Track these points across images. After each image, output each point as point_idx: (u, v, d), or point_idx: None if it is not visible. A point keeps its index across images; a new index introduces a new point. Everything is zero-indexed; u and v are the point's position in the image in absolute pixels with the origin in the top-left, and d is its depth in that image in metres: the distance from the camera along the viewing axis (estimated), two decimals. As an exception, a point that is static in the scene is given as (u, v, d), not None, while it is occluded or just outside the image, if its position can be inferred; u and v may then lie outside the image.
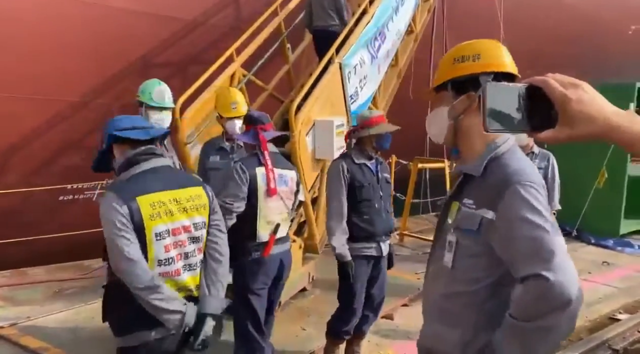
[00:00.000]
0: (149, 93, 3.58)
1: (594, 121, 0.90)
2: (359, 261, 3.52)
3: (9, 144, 6.00)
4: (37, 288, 5.10)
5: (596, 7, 13.03)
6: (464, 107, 1.57)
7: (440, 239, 1.63)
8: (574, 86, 0.91)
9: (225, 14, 7.47)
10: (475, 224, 1.47)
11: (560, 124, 0.91)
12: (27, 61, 5.76)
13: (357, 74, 5.58)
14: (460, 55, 1.60)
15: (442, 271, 1.59)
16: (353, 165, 3.55)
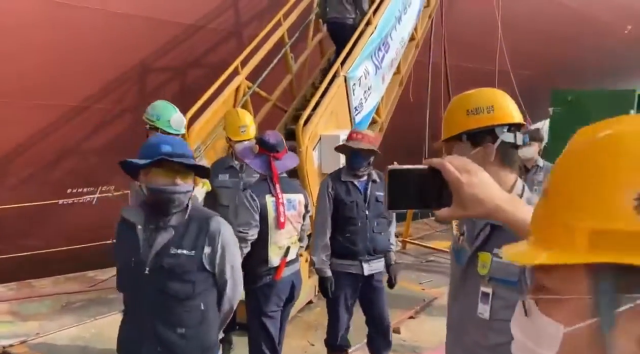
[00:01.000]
0: (167, 121, 3.58)
1: (483, 203, 1.00)
2: (340, 277, 3.58)
3: (9, 148, 6.02)
4: (44, 301, 5.12)
5: (592, 8, 13.08)
6: (481, 158, 1.61)
7: (467, 288, 1.65)
8: (467, 172, 1.00)
9: (225, 18, 7.48)
10: (514, 274, 1.49)
11: (455, 204, 1.00)
12: (27, 67, 5.76)
13: (362, 85, 5.61)
14: (474, 107, 1.63)
15: (475, 321, 1.60)
16: (338, 182, 3.60)
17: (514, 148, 1.66)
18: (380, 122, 6.39)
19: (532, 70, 12.05)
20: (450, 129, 1.69)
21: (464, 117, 1.64)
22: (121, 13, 6.27)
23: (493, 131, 1.61)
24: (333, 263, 3.57)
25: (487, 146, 1.61)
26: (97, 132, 6.73)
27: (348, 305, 3.66)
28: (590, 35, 13.34)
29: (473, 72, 10.62)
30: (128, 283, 2.13)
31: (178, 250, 2.06)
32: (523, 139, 1.68)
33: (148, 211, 2.11)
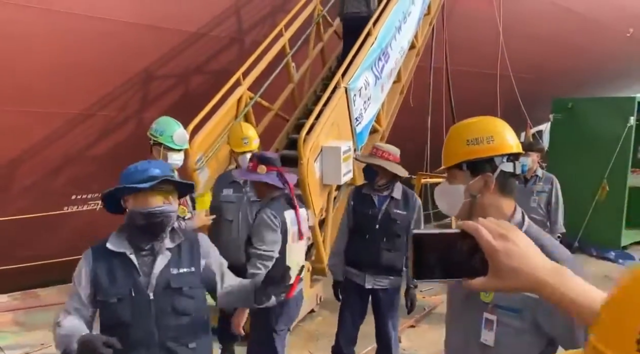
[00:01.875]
0: (170, 136, 3.64)
1: (521, 276, 0.90)
2: (348, 284, 3.73)
3: (14, 156, 6.09)
4: (49, 311, 5.16)
5: (594, 11, 13.08)
6: (481, 187, 1.66)
7: (469, 315, 1.67)
8: (503, 238, 0.91)
9: (227, 26, 7.53)
10: (518, 302, 1.52)
11: (490, 274, 0.91)
12: (31, 75, 5.82)
13: (362, 96, 5.66)
14: (474, 137, 1.68)
15: (479, 347, 1.63)
16: (359, 194, 3.71)
17: (513, 176, 1.70)
18: (381, 131, 6.44)
19: (534, 74, 12.08)
20: (451, 158, 1.73)
21: (464, 147, 1.69)
22: (124, 22, 6.33)
23: (492, 160, 1.66)
24: (345, 269, 3.74)
25: (486, 175, 1.65)
26: (101, 139, 6.80)
27: (353, 313, 3.72)
28: (592, 38, 13.35)
29: (475, 77, 10.70)
30: (128, 314, 2.04)
31: (179, 270, 2.09)
32: (522, 168, 1.73)
33: (137, 235, 2.09)
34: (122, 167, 4.07)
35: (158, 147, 3.62)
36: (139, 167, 2.14)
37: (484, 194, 1.66)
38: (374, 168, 3.62)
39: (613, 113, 7.74)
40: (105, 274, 2.07)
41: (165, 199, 2.06)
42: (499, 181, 1.66)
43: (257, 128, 5.75)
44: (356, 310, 3.74)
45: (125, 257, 2.07)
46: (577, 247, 7.93)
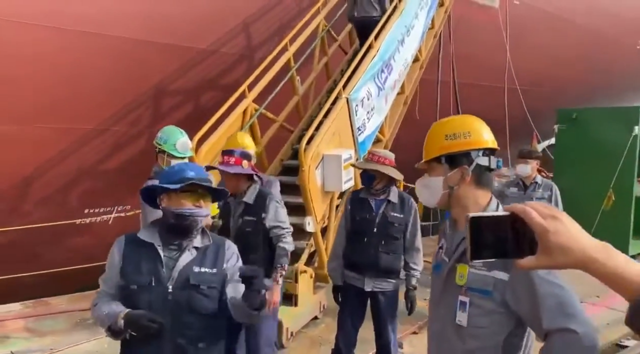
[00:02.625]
0: (173, 144, 3.79)
1: (570, 252, 0.94)
2: (348, 288, 3.78)
3: (29, 170, 6.28)
4: (59, 318, 5.30)
5: (602, 24, 13.13)
6: (458, 179, 1.79)
7: (446, 299, 1.78)
8: (552, 218, 0.95)
9: (236, 42, 7.73)
10: (489, 285, 1.65)
11: (540, 253, 0.96)
12: (45, 92, 6.03)
13: (365, 106, 5.79)
14: (452, 132, 1.81)
15: (454, 328, 1.73)
16: (356, 199, 3.81)
17: (488, 171, 1.81)
18: (384, 141, 6.55)
19: (541, 87, 12.14)
20: (431, 152, 1.86)
21: (443, 142, 1.82)
22: (135, 39, 6.55)
23: (469, 154, 1.78)
24: (345, 274, 3.79)
25: (463, 168, 1.77)
26: (113, 154, 6.98)
27: (352, 316, 3.78)
28: (600, 51, 13.39)
29: (482, 90, 10.80)
30: (146, 302, 2.13)
31: (201, 268, 2.16)
32: (497, 162, 1.84)
33: (166, 232, 2.21)
34: (134, 181, 4.25)
35: (162, 155, 3.78)
36: (176, 168, 2.27)
37: (460, 186, 1.79)
38: (371, 173, 3.71)
39: (618, 123, 7.78)
40: (132, 261, 2.17)
41: (196, 202, 2.15)
42: (475, 173, 1.78)
43: (262, 139, 5.91)
44: (355, 313, 3.79)
45: (153, 248, 2.17)
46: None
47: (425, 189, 1.88)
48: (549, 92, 12.27)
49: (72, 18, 6.01)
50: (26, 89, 5.87)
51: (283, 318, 4.32)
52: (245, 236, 3.37)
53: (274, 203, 3.46)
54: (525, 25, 11.32)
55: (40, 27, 5.80)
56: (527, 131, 10.83)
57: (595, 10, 12.79)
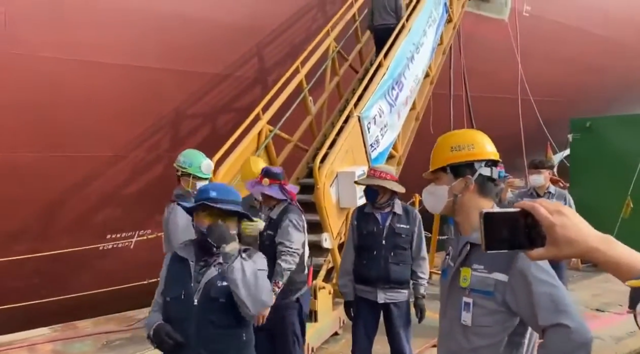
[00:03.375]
0: (198, 167, 3.94)
1: (576, 244, 1.04)
2: (360, 302, 3.85)
3: (53, 199, 6.49)
4: (86, 341, 5.44)
5: (617, 33, 13.09)
6: (462, 188, 1.90)
7: (452, 300, 1.89)
8: (558, 213, 1.05)
9: (250, 66, 7.94)
10: (490, 286, 1.75)
11: (548, 244, 1.06)
12: (66, 121, 6.27)
13: (377, 123, 5.90)
14: (457, 144, 1.94)
15: (460, 328, 1.83)
16: (362, 214, 3.91)
17: (490, 181, 1.93)
18: (397, 157, 6.64)
19: (555, 97, 12.13)
20: (437, 162, 1.98)
21: (449, 153, 1.94)
22: (152, 67, 6.79)
23: (472, 165, 1.90)
24: (356, 288, 3.86)
25: (466, 178, 1.89)
26: (133, 179, 7.18)
27: (367, 329, 3.84)
28: (617, 61, 13.33)
29: (495, 102, 10.84)
30: (176, 314, 2.32)
31: (223, 282, 2.28)
32: (499, 173, 1.95)
33: (197, 248, 2.39)
34: (154, 206, 4.36)
35: (187, 178, 3.91)
36: (202, 188, 2.50)
37: (464, 194, 1.91)
38: (374, 188, 3.81)
39: (632, 130, 7.76)
40: (171, 275, 2.40)
41: (214, 221, 2.28)
42: (478, 183, 1.90)
43: (278, 159, 6.04)
44: (369, 326, 3.85)
45: (187, 263, 2.36)
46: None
47: (431, 196, 2.00)
48: (564, 102, 12.25)
49: (88, 48, 6.26)
50: (46, 118, 6.12)
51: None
52: (264, 249, 3.50)
53: (287, 222, 3.59)
54: (537, 36, 11.37)
55: (58, 59, 6.06)
56: (543, 141, 10.81)
57: (610, 20, 12.79)
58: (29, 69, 5.89)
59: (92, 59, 6.31)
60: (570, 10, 11.90)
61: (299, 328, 3.81)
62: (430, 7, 7.41)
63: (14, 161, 6.04)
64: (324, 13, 8.47)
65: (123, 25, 6.49)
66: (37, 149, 6.19)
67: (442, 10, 7.88)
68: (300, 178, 6.35)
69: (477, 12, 10.52)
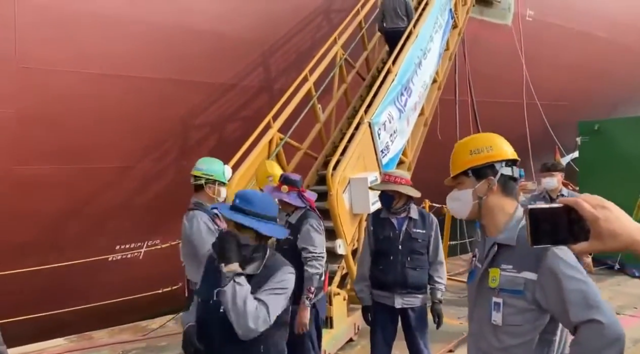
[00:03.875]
0: (222, 173, 3.94)
1: (619, 236, 1.06)
2: (378, 307, 3.84)
3: (62, 210, 6.52)
4: (102, 351, 5.45)
5: (623, 36, 13.11)
6: (486, 189, 1.92)
7: (481, 301, 1.90)
8: (602, 207, 1.08)
9: (255, 75, 8.00)
10: (520, 285, 1.76)
11: (592, 238, 1.08)
12: (75, 133, 6.32)
13: (387, 129, 5.93)
14: (476, 147, 1.96)
15: (490, 328, 1.84)
16: (378, 219, 3.90)
17: (512, 180, 1.95)
18: (407, 162, 6.65)
19: (562, 101, 12.15)
20: (458, 167, 2.00)
21: (468, 156, 1.96)
22: (159, 78, 6.85)
23: (493, 166, 1.92)
24: (373, 293, 3.85)
25: (489, 179, 1.92)
26: (142, 189, 7.22)
27: (385, 334, 3.83)
28: (622, 64, 13.35)
29: (501, 107, 10.87)
30: (203, 316, 2.34)
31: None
32: (519, 172, 1.99)
33: None
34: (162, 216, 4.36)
35: (212, 185, 3.86)
36: (243, 192, 2.46)
37: (489, 196, 1.93)
38: (390, 193, 3.82)
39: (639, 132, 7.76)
40: (206, 276, 2.42)
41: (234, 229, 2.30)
42: (500, 183, 1.92)
43: (288, 166, 6.07)
44: (387, 331, 3.84)
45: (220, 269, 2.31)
46: (618, 269, 7.81)
47: (456, 201, 2.01)
48: (571, 105, 12.27)
49: (99, 61, 6.34)
50: (57, 130, 6.17)
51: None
52: (283, 253, 3.52)
53: (307, 226, 3.63)
54: (541, 40, 11.42)
55: (65, 72, 6.12)
56: (550, 145, 10.82)
57: (614, 23, 12.83)
58: (37, 82, 5.95)
59: (100, 71, 6.38)
60: (574, 14, 11.95)
61: (315, 333, 3.83)
62: (436, 13, 7.46)
63: (23, 174, 6.09)
64: (329, 21, 8.55)
65: (130, 38, 6.57)
66: (45, 162, 6.24)
67: (447, 16, 7.93)
68: (310, 185, 6.36)
69: (481, 17, 10.58)
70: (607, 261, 7.77)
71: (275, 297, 2.28)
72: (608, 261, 7.70)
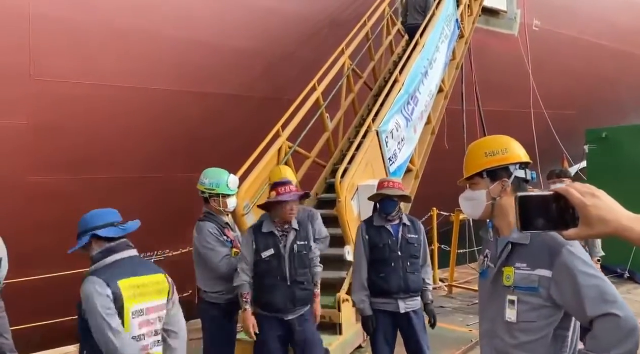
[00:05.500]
0: (226, 185, 3.98)
1: (608, 223, 1.09)
2: (379, 315, 3.86)
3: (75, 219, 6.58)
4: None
5: (629, 44, 13.14)
6: (500, 191, 1.98)
7: (494, 300, 1.94)
8: (591, 195, 1.11)
9: (264, 85, 8.08)
10: (535, 282, 1.80)
11: (582, 225, 1.11)
12: (91, 145, 6.44)
13: (395, 138, 6.00)
14: (491, 150, 2.02)
15: (504, 326, 1.88)
16: (372, 228, 3.94)
17: (524, 182, 2.01)
18: (415, 170, 6.70)
19: (569, 110, 12.16)
20: (473, 168, 2.04)
21: (484, 159, 2.02)
22: (169, 90, 6.96)
23: (508, 169, 1.99)
24: (372, 302, 3.85)
25: (503, 181, 1.98)
26: (152, 199, 7.29)
27: (388, 341, 3.87)
28: (629, 72, 13.35)
29: (508, 117, 10.90)
30: None
31: None
32: (532, 174, 2.04)
33: None
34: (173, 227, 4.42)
35: (217, 199, 3.94)
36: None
37: (502, 197, 1.99)
38: (396, 199, 3.88)
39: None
40: None
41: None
42: (514, 185, 1.98)
43: (297, 174, 6.13)
44: (390, 336, 3.89)
45: None
46: (628, 277, 7.77)
47: (470, 202, 2.05)
48: (578, 114, 12.27)
49: (111, 73, 6.46)
50: (70, 141, 6.28)
51: (330, 347, 4.42)
52: (301, 258, 3.67)
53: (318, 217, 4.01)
54: (548, 50, 11.47)
55: (81, 84, 6.25)
56: (558, 154, 10.82)
57: (620, 31, 12.87)
58: (51, 94, 6.07)
59: (110, 83, 6.49)
60: (580, 23, 12.01)
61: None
62: (442, 24, 7.55)
63: (37, 184, 6.19)
64: (335, 33, 8.65)
65: (142, 51, 6.69)
66: (58, 172, 6.34)
67: (454, 26, 8.02)
68: (319, 194, 6.43)
69: (487, 27, 10.66)
70: (617, 269, 7.74)
71: None
72: (617, 270, 7.66)
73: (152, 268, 2.64)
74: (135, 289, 2.42)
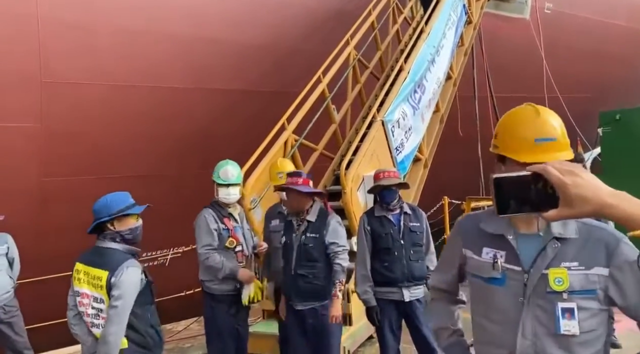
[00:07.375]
0: (217, 173, 4.13)
1: (589, 201, 1.03)
2: (384, 304, 3.85)
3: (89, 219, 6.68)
4: None
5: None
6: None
7: (534, 311, 1.58)
8: (570, 173, 1.05)
9: (271, 81, 8.07)
10: (594, 283, 1.54)
11: (562, 205, 1.05)
12: (104, 146, 6.52)
13: (401, 127, 5.95)
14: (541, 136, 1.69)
15: (556, 342, 1.56)
16: (373, 218, 3.94)
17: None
18: (423, 159, 6.65)
19: (584, 93, 11.94)
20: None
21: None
22: (176, 88, 6.99)
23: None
24: (376, 292, 3.85)
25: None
26: (166, 197, 7.35)
27: (394, 330, 3.88)
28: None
29: (521, 102, 10.74)
30: None
31: None
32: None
33: None
34: (187, 221, 4.50)
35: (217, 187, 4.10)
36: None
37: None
38: (396, 188, 3.89)
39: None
40: None
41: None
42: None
43: (304, 167, 6.14)
44: (395, 325, 3.89)
45: None
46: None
47: None
48: (593, 97, 12.04)
49: (121, 73, 6.52)
50: (82, 142, 6.36)
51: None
52: (309, 251, 3.65)
53: (334, 222, 3.72)
54: (561, 32, 11.25)
55: (91, 85, 6.31)
56: (572, 137, 10.62)
57: (633, 10, 12.58)
58: (62, 96, 6.15)
59: (121, 83, 6.55)
60: (592, 4, 11.75)
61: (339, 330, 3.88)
62: (448, 10, 7.45)
63: (51, 185, 6.30)
64: (342, 25, 8.58)
65: (150, 50, 6.73)
66: (72, 173, 6.43)
67: (460, 11, 7.91)
68: (327, 186, 6.42)
69: (497, 12, 10.49)
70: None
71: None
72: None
73: (103, 263, 2.85)
74: (76, 273, 2.90)
